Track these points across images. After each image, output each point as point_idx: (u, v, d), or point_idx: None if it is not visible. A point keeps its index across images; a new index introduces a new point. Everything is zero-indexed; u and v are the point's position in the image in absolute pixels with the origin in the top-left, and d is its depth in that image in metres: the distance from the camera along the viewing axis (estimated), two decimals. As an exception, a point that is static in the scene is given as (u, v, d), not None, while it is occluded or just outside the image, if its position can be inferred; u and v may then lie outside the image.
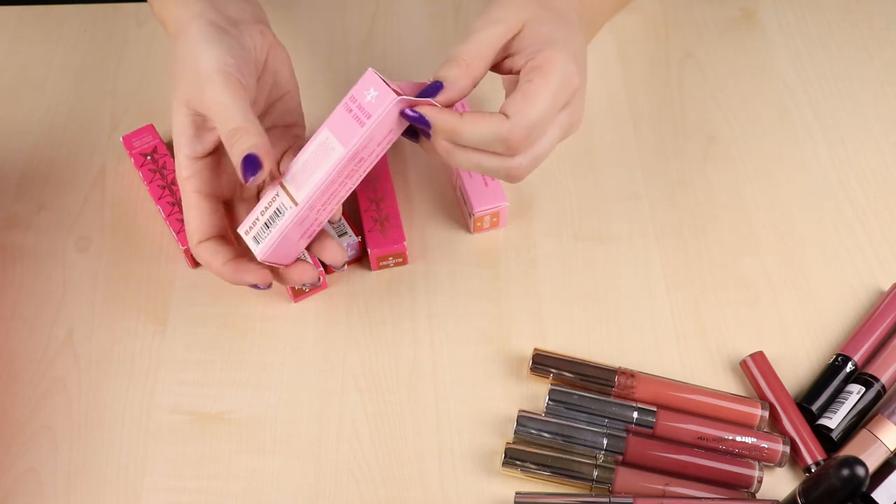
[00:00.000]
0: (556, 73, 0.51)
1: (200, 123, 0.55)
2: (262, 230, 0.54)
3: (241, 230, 0.55)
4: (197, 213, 0.55)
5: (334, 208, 0.55)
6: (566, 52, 0.52)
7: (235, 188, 0.58)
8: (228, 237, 0.57)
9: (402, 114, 0.52)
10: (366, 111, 0.51)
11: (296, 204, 0.53)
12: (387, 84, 0.51)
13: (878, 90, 0.72)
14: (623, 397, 0.58)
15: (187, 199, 0.55)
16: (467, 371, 0.60)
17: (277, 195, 0.54)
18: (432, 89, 0.52)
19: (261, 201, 0.55)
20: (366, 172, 0.54)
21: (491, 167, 0.53)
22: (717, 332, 0.61)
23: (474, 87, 0.53)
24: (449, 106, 0.53)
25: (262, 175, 0.52)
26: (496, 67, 0.55)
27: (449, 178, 0.68)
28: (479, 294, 0.63)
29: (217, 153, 0.56)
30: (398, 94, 0.51)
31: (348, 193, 0.55)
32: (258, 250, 0.54)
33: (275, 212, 0.53)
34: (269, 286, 0.56)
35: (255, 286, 0.56)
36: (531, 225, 0.66)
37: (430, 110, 0.51)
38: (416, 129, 0.53)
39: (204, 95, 0.53)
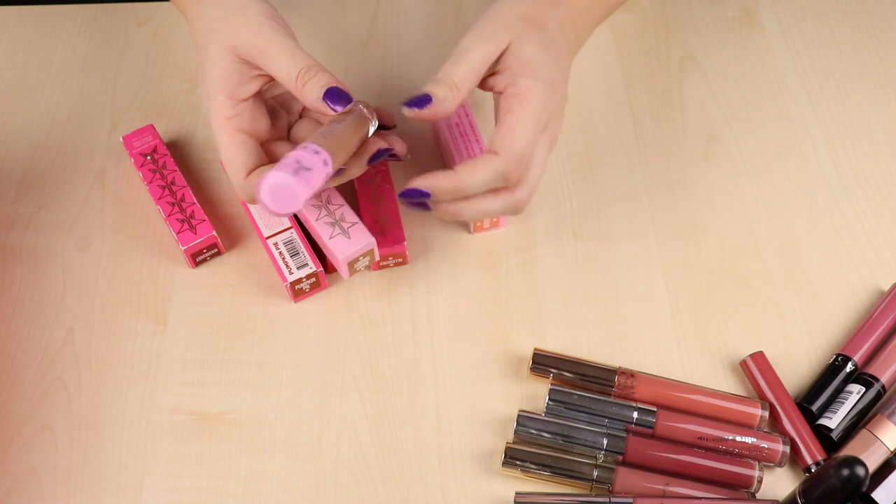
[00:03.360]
0: (534, 100, 0.55)
1: (243, 71, 0.56)
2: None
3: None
4: (242, 147, 0.56)
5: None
6: (544, 78, 0.55)
7: (267, 133, 0.59)
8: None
9: (403, 195, 0.55)
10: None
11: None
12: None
13: (878, 90, 0.72)
14: (623, 397, 0.58)
15: (230, 137, 0.56)
16: (467, 371, 0.60)
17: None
18: (421, 101, 0.54)
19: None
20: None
21: (497, 208, 0.57)
22: (717, 332, 0.61)
23: (458, 106, 0.56)
24: (430, 119, 0.55)
25: (352, 103, 0.55)
26: (480, 84, 0.57)
27: (449, 178, 0.68)
28: (479, 294, 0.63)
29: (254, 100, 0.58)
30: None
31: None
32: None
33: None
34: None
35: None
36: (531, 225, 0.66)
37: (424, 181, 0.54)
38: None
39: (261, 39, 0.55)
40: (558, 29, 0.58)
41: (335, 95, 0.55)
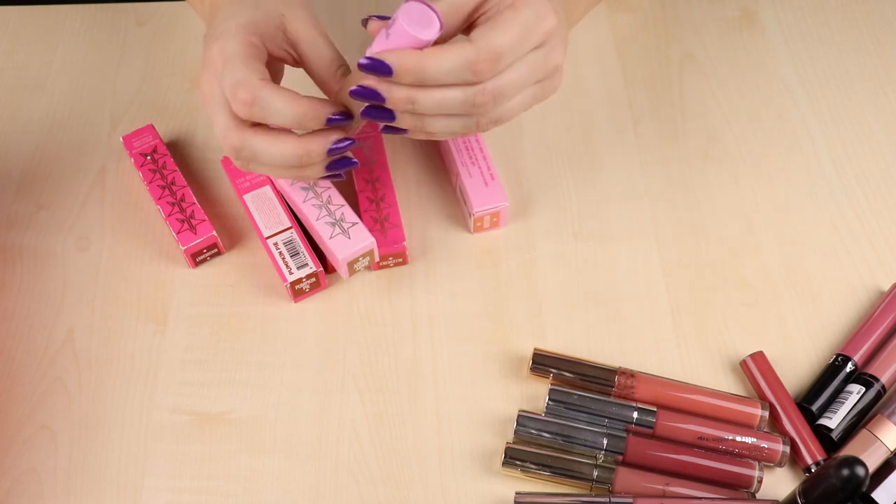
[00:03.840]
0: (526, 7, 0.51)
1: (278, 38, 0.56)
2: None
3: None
4: (254, 49, 0.54)
5: None
6: None
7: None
8: None
9: (359, 65, 0.51)
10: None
11: None
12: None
13: (878, 90, 0.72)
14: (623, 397, 0.58)
15: (245, 38, 0.54)
16: (467, 371, 0.60)
17: None
18: (386, 17, 0.53)
19: None
20: None
21: (456, 100, 0.51)
22: (717, 332, 0.61)
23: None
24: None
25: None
26: (468, 31, 0.54)
27: (449, 177, 0.68)
28: (479, 294, 0.63)
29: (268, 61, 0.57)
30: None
31: None
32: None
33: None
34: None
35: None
36: (531, 225, 0.66)
37: (388, 53, 0.50)
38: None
39: (316, 23, 0.56)
40: None
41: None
